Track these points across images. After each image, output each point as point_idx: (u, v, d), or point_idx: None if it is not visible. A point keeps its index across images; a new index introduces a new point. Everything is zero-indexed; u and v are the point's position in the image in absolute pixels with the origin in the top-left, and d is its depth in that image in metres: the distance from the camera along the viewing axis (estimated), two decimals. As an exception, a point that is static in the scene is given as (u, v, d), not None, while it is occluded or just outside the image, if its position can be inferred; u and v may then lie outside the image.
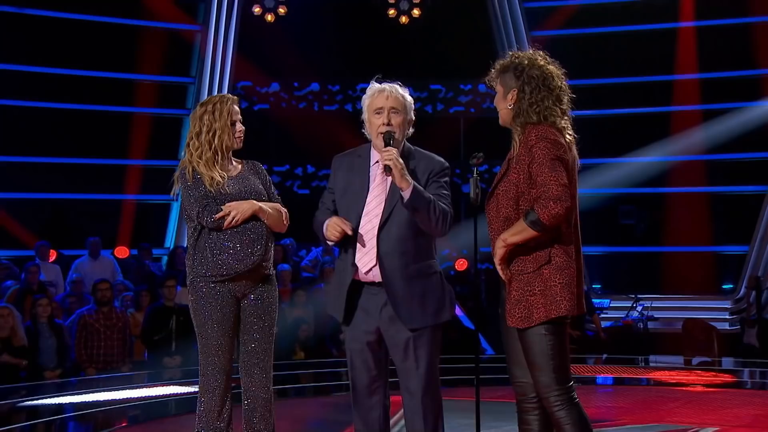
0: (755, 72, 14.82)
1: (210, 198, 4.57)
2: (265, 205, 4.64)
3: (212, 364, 4.60)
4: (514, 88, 4.05)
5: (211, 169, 4.61)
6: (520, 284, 3.93)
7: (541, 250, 3.91)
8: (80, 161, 14.57)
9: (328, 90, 16.05)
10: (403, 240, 4.23)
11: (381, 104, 4.34)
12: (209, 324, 4.58)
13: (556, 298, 3.87)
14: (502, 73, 4.12)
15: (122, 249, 13.89)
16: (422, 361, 4.24)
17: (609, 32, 14.95)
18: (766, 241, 14.45)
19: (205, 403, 4.62)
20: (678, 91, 15.15)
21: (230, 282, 4.58)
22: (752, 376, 10.91)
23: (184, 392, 9.17)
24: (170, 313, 10.81)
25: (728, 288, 14.98)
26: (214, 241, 4.56)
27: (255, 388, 4.67)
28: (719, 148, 14.71)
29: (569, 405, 3.91)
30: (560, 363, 3.92)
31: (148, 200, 15.07)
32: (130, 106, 14.93)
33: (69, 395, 9.19)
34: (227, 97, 4.72)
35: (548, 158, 3.87)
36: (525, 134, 3.98)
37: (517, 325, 3.92)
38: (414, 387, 4.26)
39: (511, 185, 3.97)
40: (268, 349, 4.70)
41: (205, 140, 4.64)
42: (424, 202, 4.16)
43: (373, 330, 4.30)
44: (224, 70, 15.26)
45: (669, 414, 7.43)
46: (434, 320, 4.27)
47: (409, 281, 4.22)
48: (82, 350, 10.36)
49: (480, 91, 16.13)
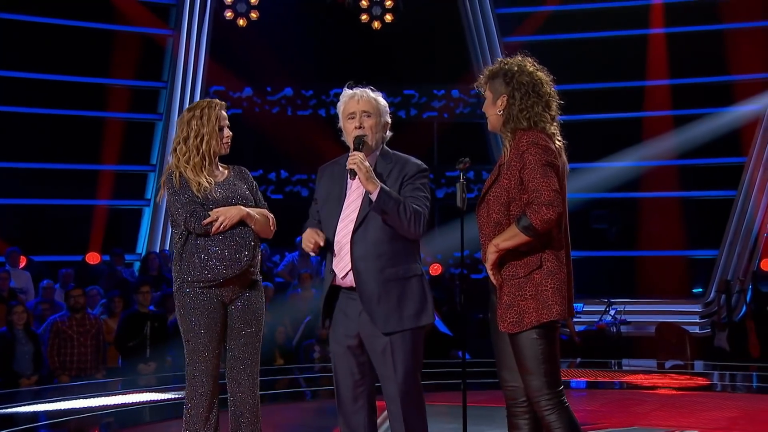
0: (725, 78, 15.00)
1: (197, 203, 4.55)
2: (253, 211, 4.63)
3: (199, 370, 4.58)
4: (504, 94, 4.06)
5: (199, 175, 4.59)
6: (511, 289, 3.94)
7: (533, 254, 3.93)
8: (52, 166, 14.43)
9: (301, 95, 16.04)
10: (378, 243, 4.23)
11: (353, 109, 4.36)
12: (196, 330, 4.56)
13: (548, 302, 3.89)
14: (491, 79, 4.13)
15: (93, 255, 13.77)
16: (400, 365, 4.23)
17: (580, 38, 15.07)
18: (735, 246, 14.61)
19: (192, 409, 4.60)
20: (649, 96, 15.30)
21: (217, 287, 4.56)
22: (725, 379, 11.02)
23: (159, 399, 9.11)
24: (145, 319, 10.73)
25: (698, 292, 15.13)
26: (202, 247, 4.54)
27: (242, 394, 4.65)
28: (690, 153, 14.87)
29: (559, 409, 3.93)
30: (551, 367, 3.94)
31: (120, 205, 14.96)
32: (103, 111, 14.80)
33: (43, 403, 9.07)
34: (215, 102, 4.70)
35: (540, 164, 3.89)
36: (515, 140, 4.00)
37: (508, 330, 3.94)
38: (393, 392, 4.25)
39: (502, 191, 3.98)
40: (255, 354, 4.68)
41: (192, 145, 4.62)
42: (392, 204, 4.15)
43: (353, 334, 4.30)
44: (197, 74, 15.19)
45: (647, 417, 7.48)
46: (412, 324, 4.25)
47: (385, 284, 4.21)
48: (55, 357, 10.25)
49: (453, 96, 16.20)
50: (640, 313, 14.01)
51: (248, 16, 15.23)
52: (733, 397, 9.41)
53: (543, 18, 15.59)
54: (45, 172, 14.40)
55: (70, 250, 13.97)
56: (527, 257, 3.93)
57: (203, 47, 15.25)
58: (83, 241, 14.14)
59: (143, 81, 15.20)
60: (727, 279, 14.07)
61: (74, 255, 13.76)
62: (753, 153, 14.61)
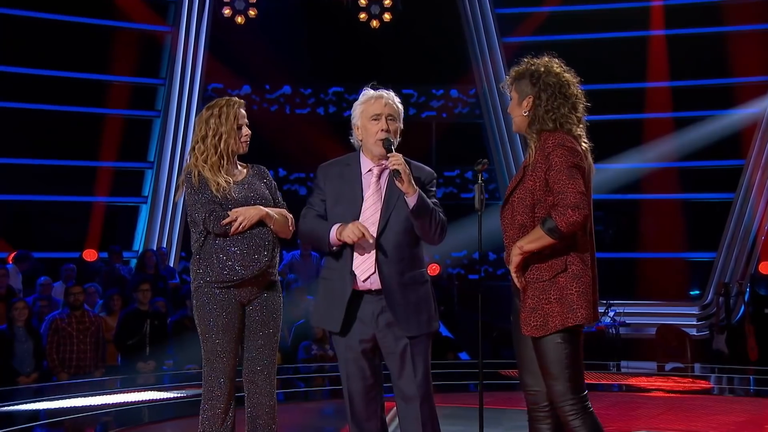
0: (726, 81, 14.99)
1: (216, 203, 4.50)
2: (272, 211, 4.59)
3: (216, 371, 4.53)
4: (530, 95, 4.03)
5: (217, 174, 4.54)
6: (535, 292, 3.90)
7: (557, 257, 3.90)
8: (49, 162, 14.33)
9: (300, 93, 15.96)
10: (400, 247, 4.23)
11: (379, 111, 4.32)
12: (214, 330, 4.51)
13: (573, 306, 3.86)
14: (517, 79, 4.09)
15: (91, 252, 13.68)
16: (420, 368, 4.24)
17: (580, 39, 15.03)
18: (733, 248, 14.60)
19: (209, 410, 4.55)
20: (650, 98, 15.28)
21: (235, 288, 4.51)
22: (729, 383, 11.02)
23: (158, 398, 9.04)
24: (144, 317, 10.66)
25: (695, 294, 15.13)
26: (220, 247, 4.49)
27: (259, 396, 4.60)
28: (690, 155, 14.87)
29: (584, 414, 3.90)
30: (575, 372, 3.90)
31: (117, 203, 14.86)
32: (101, 107, 14.69)
33: (42, 401, 8.99)
34: (234, 100, 4.65)
35: (566, 166, 3.85)
36: (541, 141, 3.96)
37: (532, 334, 3.90)
38: (411, 394, 4.24)
39: (527, 192, 3.95)
40: (272, 356, 4.63)
41: (210, 144, 4.56)
42: (428, 210, 4.17)
43: (368, 338, 4.28)
44: (195, 71, 15.07)
45: (654, 421, 7.46)
46: (427, 328, 4.28)
47: (404, 289, 4.23)
48: (54, 355, 10.17)
49: (452, 96, 16.16)
50: (639, 315, 13.99)
51: (246, 13, 15.16)
52: (739, 400, 9.39)
53: (542, 18, 15.55)
54: (42, 168, 14.29)
55: (67, 247, 13.85)
56: (552, 260, 3.90)
57: (202, 44, 15.14)
58: (80, 238, 14.03)
59: (141, 78, 15.09)
60: (725, 282, 14.09)
61: (71, 252, 13.65)
62: (752, 156, 14.61)
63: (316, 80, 15.97)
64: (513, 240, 3.96)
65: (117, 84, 14.91)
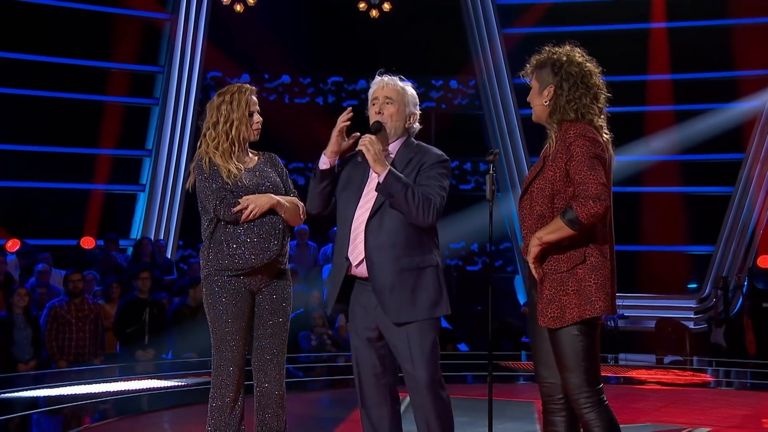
0: (728, 74, 14.98)
1: (227, 190, 4.46)
2: (283, 199, 4.55)
3: (225, 359, 4.50)
4: (551, 84, 3.98)
5: (228, 161, 4.51)
6: (553, 283, 3.85)
7: (576, 249, 3.85)
8: (48, 149, 14.25)
9: (299, 82, 15.89)
10: (394, 232, 4.16)
11: (376, 94, 4.34)
12: (223, 318, 4.48)
13: (591, 298, 3.82)
14: (538, 68, 4.04)
15: (88, 239, 13.63)
16: (421, 356, 4.15)
17: (581, 31, 14.96)
18: (731, 242, 14.61)
19: (218, 399, 4.53)
20: (651, 91, 15.26)
21: (245, 276, 4.48)
22: (729, 376, 11.01)
23: (157, 387, 9.00)
24: (143, 305, 10.62)
25: (693, 287, 15.13)
26: (231, 235, 4.46)
27: (268, 385, 4.58)
28: (690, 149, 14.86)
29: (599, 407, 3.87)
30: (591, 364, 3.87)
31: (115, 190, 14.80)
32: (99, 95, 14.62)
33: (40, 389, 8.96)
34: (246, 87, 4.61)
35: (587, 156, 3.80)
36: (562, 131, 3.91)
37: (548, 325, 3.86)
38: (417, 383, 4.17)
39: (547, 183, 3.90)
40: (282, 345, 4.60)
41: (222, 131, 4.53)
42: (400, 187, 4.07)
43: (372, 327, 4.24)
44: (194, 59, 15.00)
45: (657, 414, 7.43)
46: (427, 314, 4.17)
47: (400, 274, 4.14)
48: (53, 342, 10.13)
49: (451, 86, 16.12)
50: (637, 308, 13.98)
51: (245, 1, 15.05)
52: (740, 394, 9.40)
53: (544, 10, 15.51)
54: (40, 155, 14.21)
55: (65, 235, 13.79)
56: (570, 251, 3.85)
57: (201, 32, 15.07)
58: (78, 226, 13.97)
59: (140, 65, 15.01)
60: (723, 275, 14.10)
61: (69, 239, 13.59)
62: (751, 149, 14.61)
63: (315, 70, 15.90)
64: (531, 230, 3.91)
65: (116, 71, 14.84)
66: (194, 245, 14.86)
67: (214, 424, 4.53)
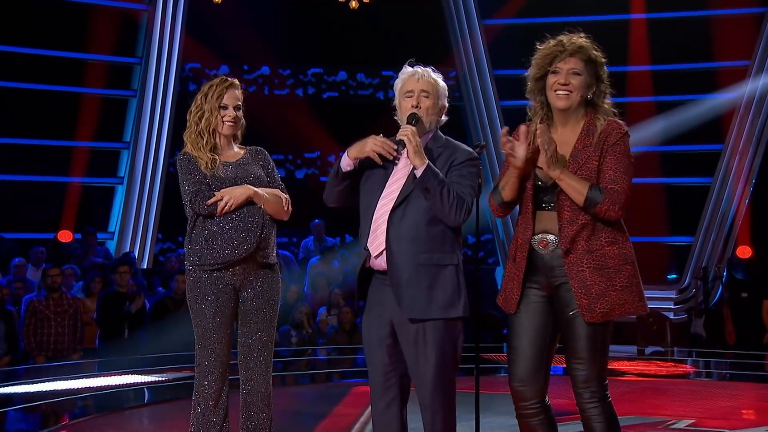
0: (707, 65, 15.02)
1: (203, 183, 4.40)
2: (262, 191, 4.48)
3: (208, 355, 4.44)
4: (593, 82, 3.97)
5: (200, 152, 4.46)
6: (603, 278, 3.77)
7: (623, 245, 3.83)
8: (24, 142, 14.10)
9: (278, 74, 15.79)
10: (416, 226, 4.05)
11: (411, 87, 4.22)
12: (205, 313, 4.42)
13: (641, 295, 3.83)
14: (589, 63, 3.97)
15: (66, 233, 13.51)
16: (431, 355, 4.03)
17: (561, 22, 14.88)
18: (710, 233, 14.67)
19: (201, 394, 4.46)
20: (631, 82, 15.27)
21: (226, 270, 4.41)
22: (710, 367, 11.06)
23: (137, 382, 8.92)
24: (123, 299, 10.53)
25: (673, 278, 15.19)
26: (209, 229, 4.41)
27: (254, 382, 4.52)
28: (670, 139, 14.91)
29: (603, 402, 3.83)
30: (605, 359, 3.88)
31: (93, 183, 14.66)
32: (76, 86, 14.46)
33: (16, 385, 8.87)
34: (229, 80, 4.59)
35: (628, 157, 3.83)
36: (605, 126, 3.90)
37: (596, 320, 3.75)
38: (422, 383, 4.08)
39: (592, 173, 3.81)
40: (268, 341, 4.54)
41: (192, 120, 4.54)
42: (437, 183, 3.98)
43: (387, 322, 4.13)
44: (172, 50, 14.87)
45: (641, 406, 7.44)
46: (440, 314, 4.04)
47: (417, 269, 4.03)
48: (31, 338, 10.03)
49: (432, 78, 16.04)
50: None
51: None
52: (721, 385, 9.44)
53: (524, 1, 15.47)
54: (16, 147, 14.05)
55: (42, 228, 13.66)
56: (618, 247, 3.81)
57: (179, 23, 14.92)
58: (55, 219, 13.84)
59: (117, 56, 14.86)
60: (703, 266, 14.16)
61: (45, 233, 13.46)
62: (730, 140, 14.67)
63: (295, 61, 15.80)
64: (570, 222, 3.80)
65: (93, 62, 14.68)
66: (173, 238, 14.75)
67: (197, 420, 4.47)
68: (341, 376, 9.81)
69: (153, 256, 14.45)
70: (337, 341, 11.57)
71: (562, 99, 3.89)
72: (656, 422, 6.70)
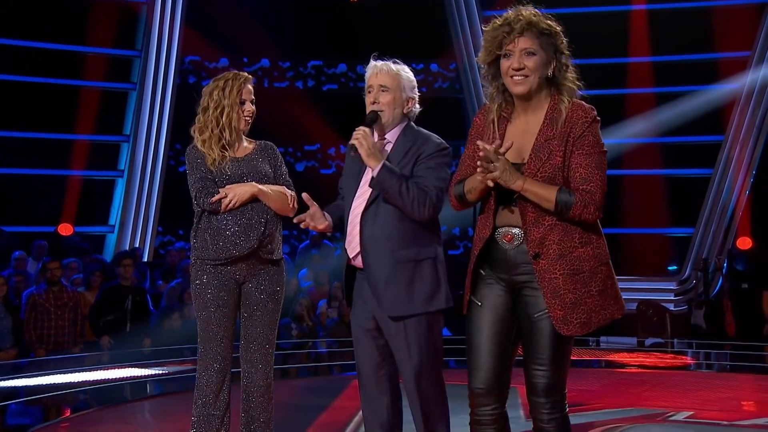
0: (708, 56, 14.99)
1: (209, 180, 4.40)
2: (267, 188, 4.48)
3: (211, 349, 4.46)
4: (554, 57, 3.55)
5: (212, 148, 4.45)
6: (576, 285, 3.43)
7: (598, 247, 3.49)
8: (24, 135, 14.09)
9: (278, 66, 15.80)
10: (389, 224, 4.04)
11: (370, 82, 4.18)
12: (208, 308, 4.44)
13: (617, 298, 3.53)
14: (543, 36, 3.54)
15: (66, 226, 13.52)
16: (415, 348, 4.04)
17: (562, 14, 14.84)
18: (711, 224, 14.67)
19: (202, 387, 4.47)
20: (632, 73, 15.25)
21: (231, 265, 4.43)
22: (710, 358, 11.07)
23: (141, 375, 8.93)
24: (126, 293, 10.52)
25: (673, 269, 15.19)
26: (214, 224, 4.42)
27: (255, 376, 4.53)
28: (671, 131, 14.89)
29: (563, 414, 3.54)
30: (568, 366, 3.59)
31: (93, 176, 14.66)
32: (76, 79, 14.46)
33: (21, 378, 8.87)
34: (242, 75, 4.56)
35: (599, 150, 3.47)
36: (571, 110, 3.49)
37: (575, 333, 3.44)
38: (409, 375, 4.09)
39: (557, 170, 3.45)
40: (270, 336, 4.55)
41: (212, 117, 4.49)
42: (394, 182, 3.94)
43: (370, 317, 4.15)
44: (172, 43, 14.88)
45: (641, 398, 7.44)
46: (423, 308, 4.04)
47: (395, 266, 4.02)
48: (32, 331, 10.04)
49: (432, 70, 16.06)
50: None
51: (223, -16, 14.94)
52: (721, 376, 9.44)
53: (524, -8, 15.42)
54: (17, 141, 14.05)
55: (42, 221, 13.67)
56: (592, 248, 3.48)
57: (178, 16, 14.93)
58: (55, 212, 13.84)
59: (117, 49, 14.85)
60: (703, 257, 14.15)
61: (46, 226, 13.47)
62: (730, 131, 14.66)
63: (294, 53, 15.79)
64: (534, 224, 3.47)
65: (93, 55, 14.68)
66: (174, 231, 14.77)
67: (198, 413, 4.49)
68: (341, 368, 9.83)
69: (153, 249, 14.47)
70: (338, 334, 11.58)
71: (519, 84, 3.50)
72: (656, 414, 6.70)
